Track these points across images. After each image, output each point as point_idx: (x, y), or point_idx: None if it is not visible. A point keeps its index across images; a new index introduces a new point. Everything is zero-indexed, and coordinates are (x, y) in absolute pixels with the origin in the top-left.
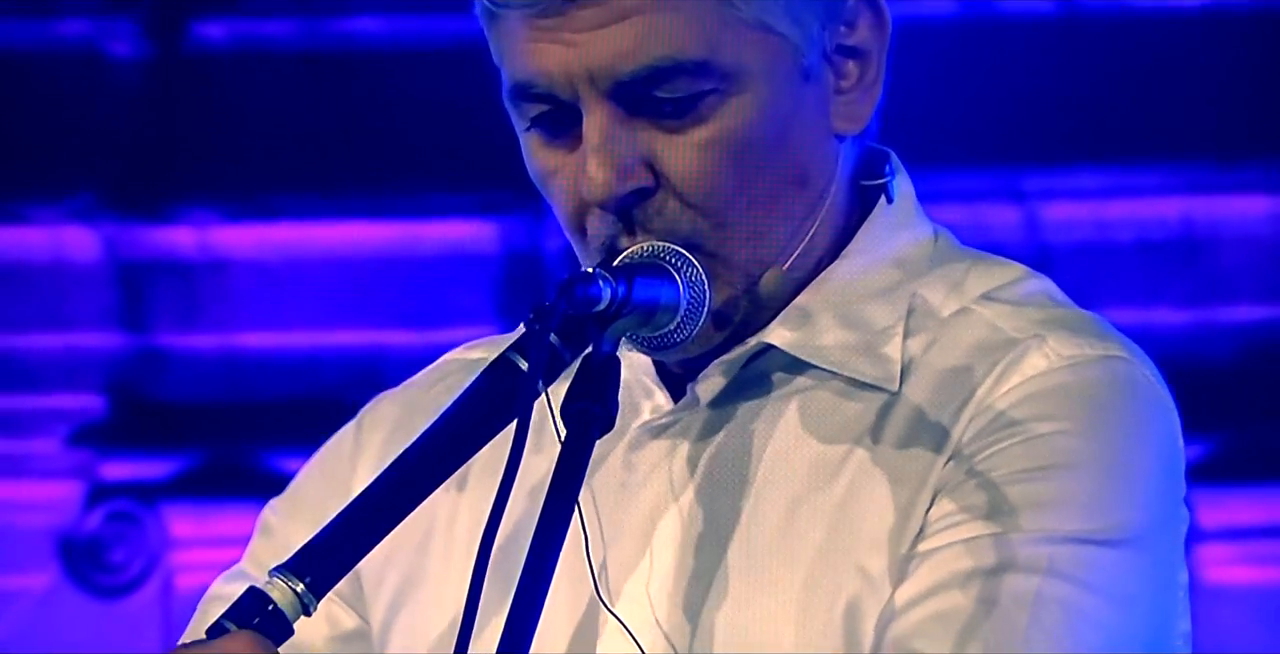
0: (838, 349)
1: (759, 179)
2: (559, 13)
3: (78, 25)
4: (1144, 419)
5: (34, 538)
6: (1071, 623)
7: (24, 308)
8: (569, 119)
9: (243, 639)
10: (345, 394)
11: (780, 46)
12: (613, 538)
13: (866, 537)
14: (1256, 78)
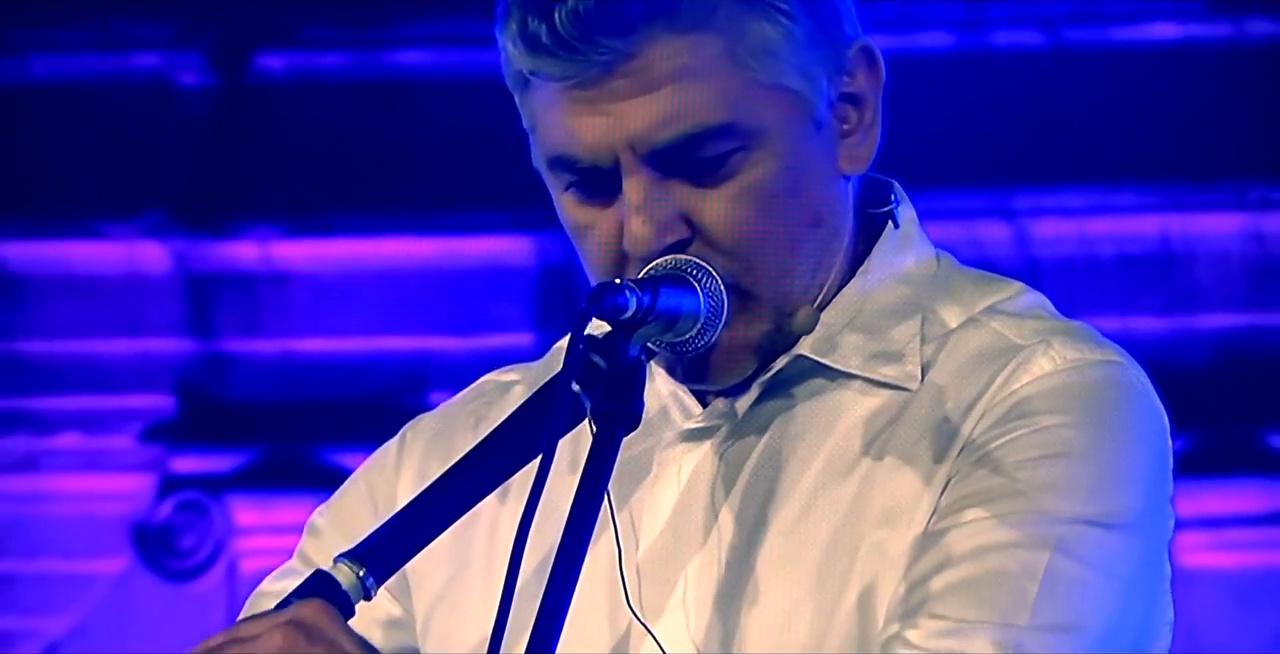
0: (859, 355)
1: (781, 224)
2: (594, 85)
3: (150, 58)
4: (1139, 418)
5: (110, 526)
6: (1076, 597)
7: (100, 317)
8: (604, 181)
9: (314, 604)
10: (394, 395)
11: (793, 102)
12: (646, 543)
13: (882, 520)
14: (1226, 106)
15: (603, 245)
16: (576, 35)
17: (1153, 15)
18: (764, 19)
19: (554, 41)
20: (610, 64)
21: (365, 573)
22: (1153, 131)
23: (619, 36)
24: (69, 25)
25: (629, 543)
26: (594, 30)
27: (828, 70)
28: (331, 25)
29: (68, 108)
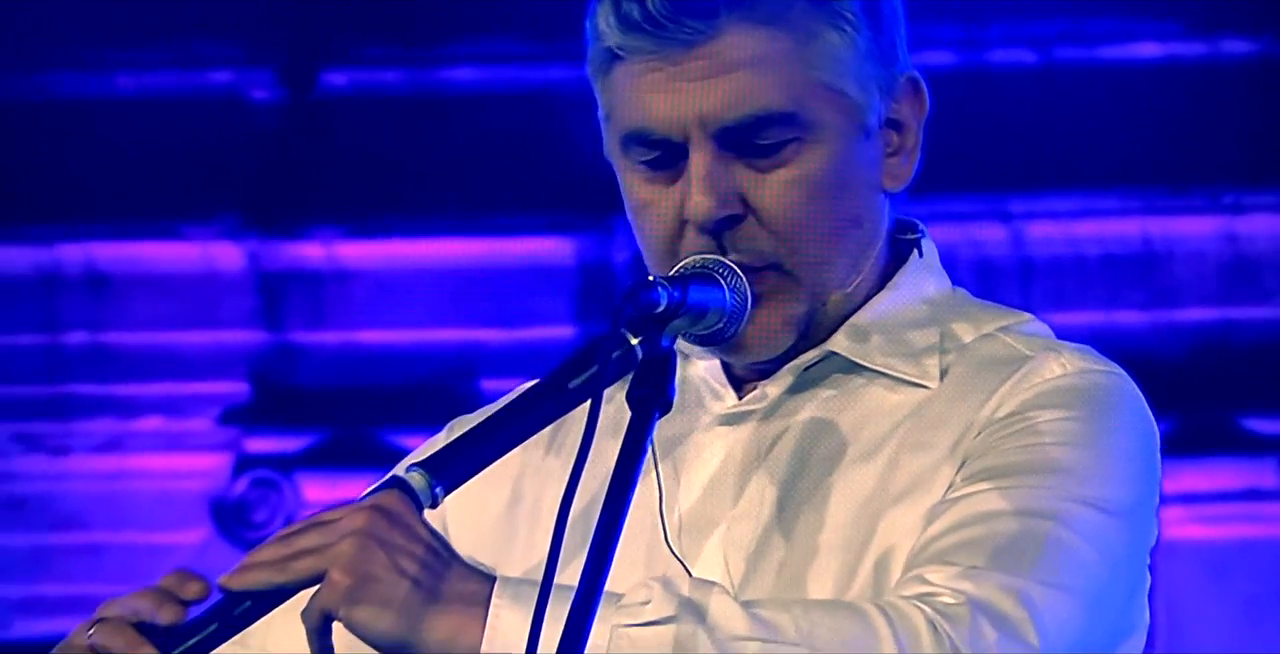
0: (884, 355)
1: (827, 216)
2: (675, 63)
3: (224, 75)
4: (1136, 422)
5: (190, 501)
6: (1072, 565)
7: (180, 311)
8: (670, 158)
9: (394, 494)
10: (446, 382)
11: (849, 107)
12: (687, 504)
13: (900, 498)
14: (1203, 118)
15: (663, 219)
16: (665, 14)
17: (1136, 36)
18: (832, 27)
19: (645, 18)
20: (691, 43)
21: (435, 481)
22: (1135, 142)
23: (702, 19)
24: (151, 46)
25: (670, 502)
26: (681, 11)
27: (880, 88)
28: (390, 45)
29: (150, 121)
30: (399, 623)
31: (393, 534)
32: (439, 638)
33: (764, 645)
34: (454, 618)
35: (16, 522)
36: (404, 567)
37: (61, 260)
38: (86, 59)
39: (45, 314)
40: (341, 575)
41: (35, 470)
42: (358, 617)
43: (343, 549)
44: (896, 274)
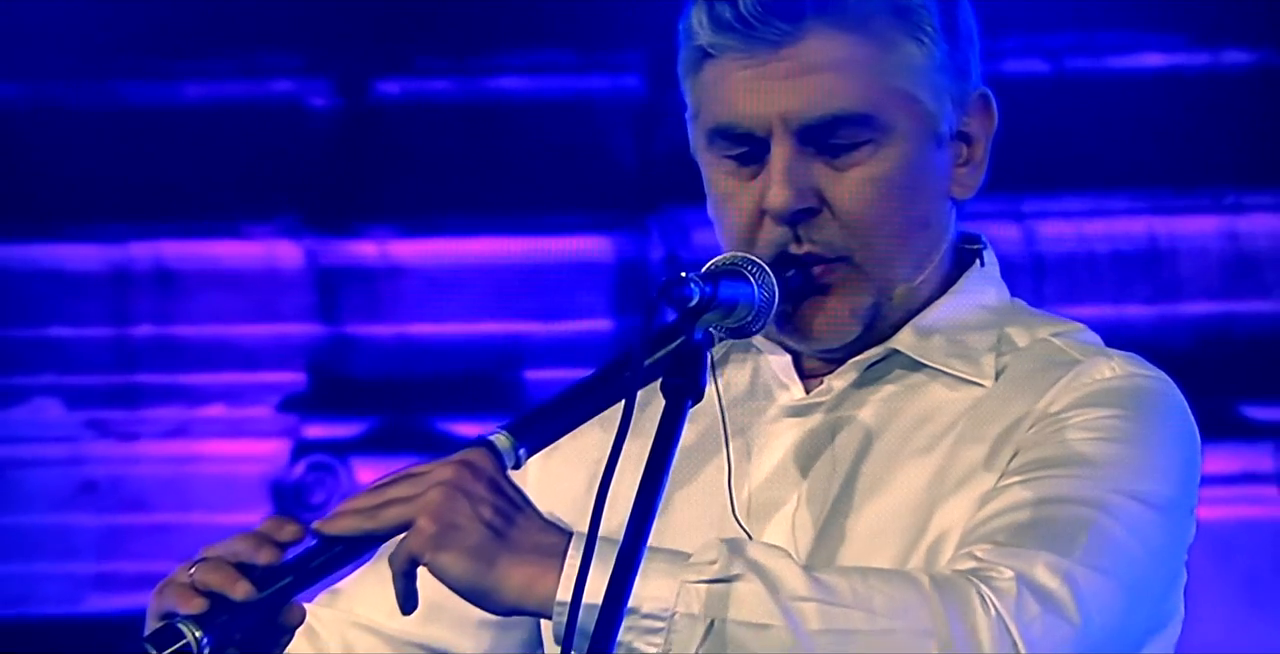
0: (943, 354)
1: (897, 214)
2: (762, 62)
3: (284, 84)
4: (1179, 425)
5: (251, 484)
6: (1115, 552)
7: (242, 305)
8: (753, 154)
9: (481, 450)
10: (491, 372)
11: (922, 115)
12: (757, 481)
13: (956, 486)
14: (1205, 124)
15: (743, 211)
16: (755, 15)
17: (1143, 47)
18: (912, 38)
19: (736, 18)
20: (778, 44)
21: (518, 444)
22: (1142, 146)
23: (789, 22)
24: (216, 57)
25: (740, 485)
26: (771, 13)
27: (953, 100)
28: (440, 56)
29: (214, 126)
30: (479, 569)
31: (477, 486)
32: (516, 585)
33: (821, 606)
34: (531, 567)
35: (88, 504)
36: (486, 517)
37: (131, 257)
38: (156, 69)
39: (116, 308)
40: (428, 522)
41: (106, 455)
42: (441, 562)
43: (430, 498)
44: (959, 280)
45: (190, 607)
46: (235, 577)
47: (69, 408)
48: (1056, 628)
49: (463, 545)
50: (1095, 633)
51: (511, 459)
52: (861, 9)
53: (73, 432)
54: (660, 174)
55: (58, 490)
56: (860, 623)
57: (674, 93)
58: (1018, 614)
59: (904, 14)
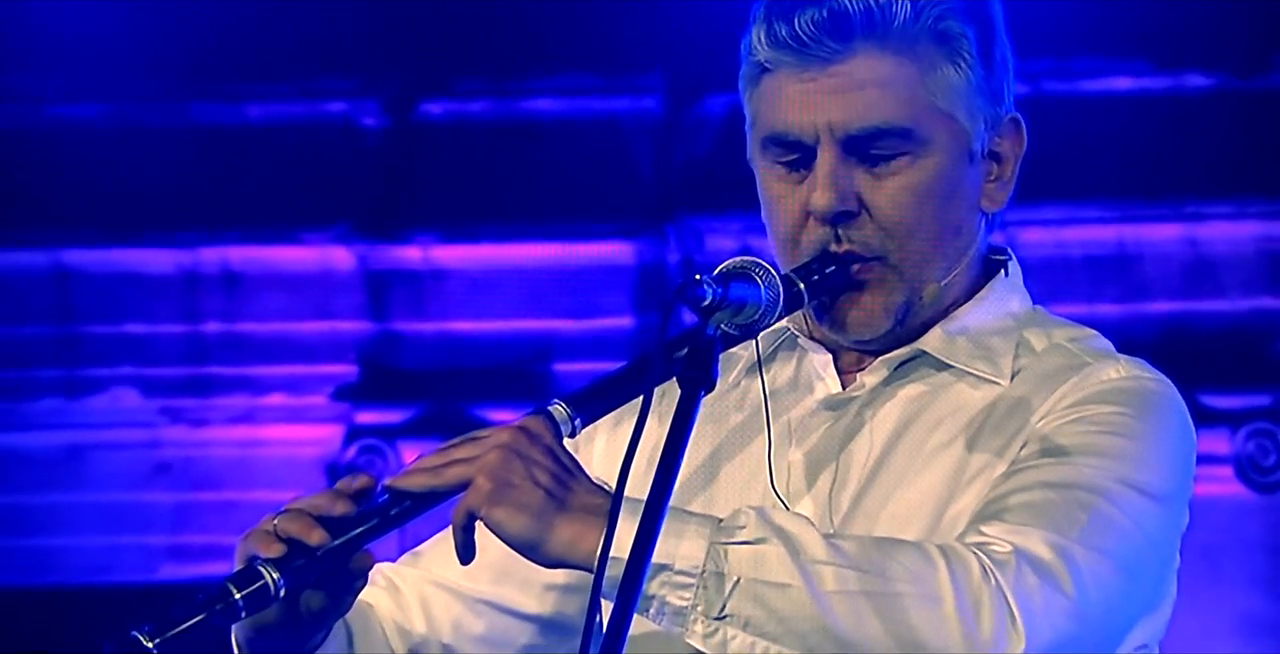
0: (966, 355)
1: (931, 220)
2: (813, 77)
3: (338, 105)
4: (1177, 423)
5: (308, 465)
6: (1113, 535)
7: (300, 304)
8: (802, 161)
9: (538, 418)
10: (525, 365)
11: (958, 132)
12: (794, 459)
13: (975, 477)
14: (1168, 141)
15: (790, 212)
16: (809, 35)
17: (1112, 72)
18: (950, 62)
19: (791, 36)
20: (829, 61)
21: (574, 414)
22: (1111, 161)
23: (841, 42)
24: (277, 80)
25: (779, 472)
26: (823, 33)
27: (986, 121)
28: (478, 80)
29: (275, 143)
30: (531, 524)
31: (532, 450)
32: (564, 540)
33: (838, 569)
34: (578, 524)
35: (162, 483)
36: (539, 478)
37: (201, 261)
38: (223, 92)
39: (187, 307)
40: (485, 481)
41: (178, 439)
42: (496, 516)
43: (489, 459)
44: (984, 288)
45: (270, 551)
46: (312, 525)
47: (145, 396)
48: (1052, 600)
49: (516, 502)
50: (1090, 608)
51: (568, 428)
52: (906, 33)
53: (148, 418)
54: (677, 185)
55: (135, 471)
56: (873, 586)
57: (690, 113)
58: (1016, 585)
59: (945, 40)
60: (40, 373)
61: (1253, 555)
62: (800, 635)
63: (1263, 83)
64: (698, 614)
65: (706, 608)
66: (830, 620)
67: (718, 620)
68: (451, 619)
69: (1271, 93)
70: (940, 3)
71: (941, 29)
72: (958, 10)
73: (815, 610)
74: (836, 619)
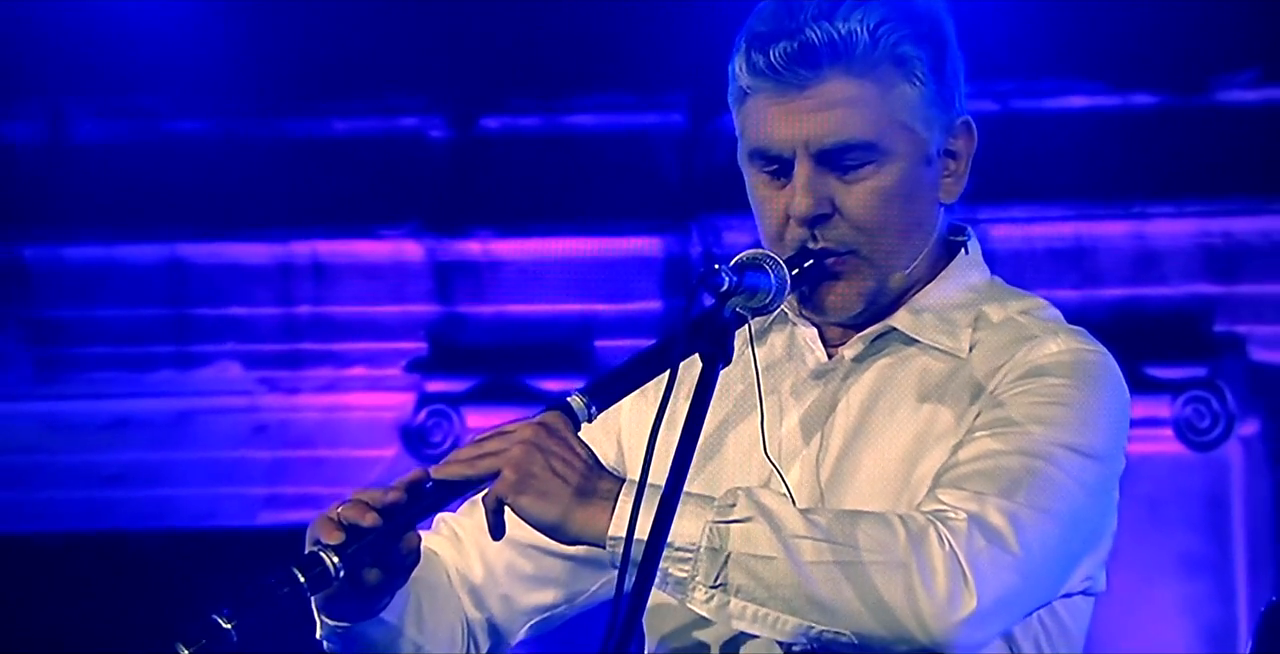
0: (933, 332)
1: (896, 218)
2: (789, 100)
3: (410, 120)
4: (1111, 389)
5: (385, 427)
6: (1056, 493)
7: (378, 290)
8: (782, 170)
9: (555, 413)
10: (569, 342)
11: (916, 140)
12: (785, 429)
13: (939, 439)
14: (1118, 151)
15: (775, 215)
16: (782, 64)
17: (1070, 91)
18: (907, 81)
19: (767, 67)
20: (802, 87)
21: (590, 402)
22: (1070, 168)
23: (811, 69)
24: (358, 99)
25: (772, 432)
26: (795, 63)
27: (941, 127)
28: (530, 99)
29: (356, 153)
30: (551, 510)
31: (551, 443)
32: (577, 522)
33: (815, 542)
34: (592, 508)
35: (260, 442)
36: (557, 468)
37: (293, 254)
38: (311, 109)
39: (281, 292)
40: (511, 472)
41: (274, 405)
42: (521, 503)
43: (513, 453)
44: (948, 267)
45: (330, 537)
46: (366, 510)
47: (245, 369)
48: (999, 558)
49: (537, 491)
50: (1034, 561)
51: (584, 416)
52: (867, 58)
53: (248, 387)
54: (699, 189)
55: (236, 432)
56: (845, 556)
57: (710, 127)
58: (968, 549)
59: (901, 62)
60: (156, 349)
61: (1191, 504)
62: (784, 599)
63: (1200, 102)
64: (696, 583)
65: (704, 578)
66: (810, 587)
67: (714, 588)
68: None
69: (1207, 110)
70: (895, 30)
71: (898, 53)
72: (910, 36)
73: (796, 579)
74: (815, 585)
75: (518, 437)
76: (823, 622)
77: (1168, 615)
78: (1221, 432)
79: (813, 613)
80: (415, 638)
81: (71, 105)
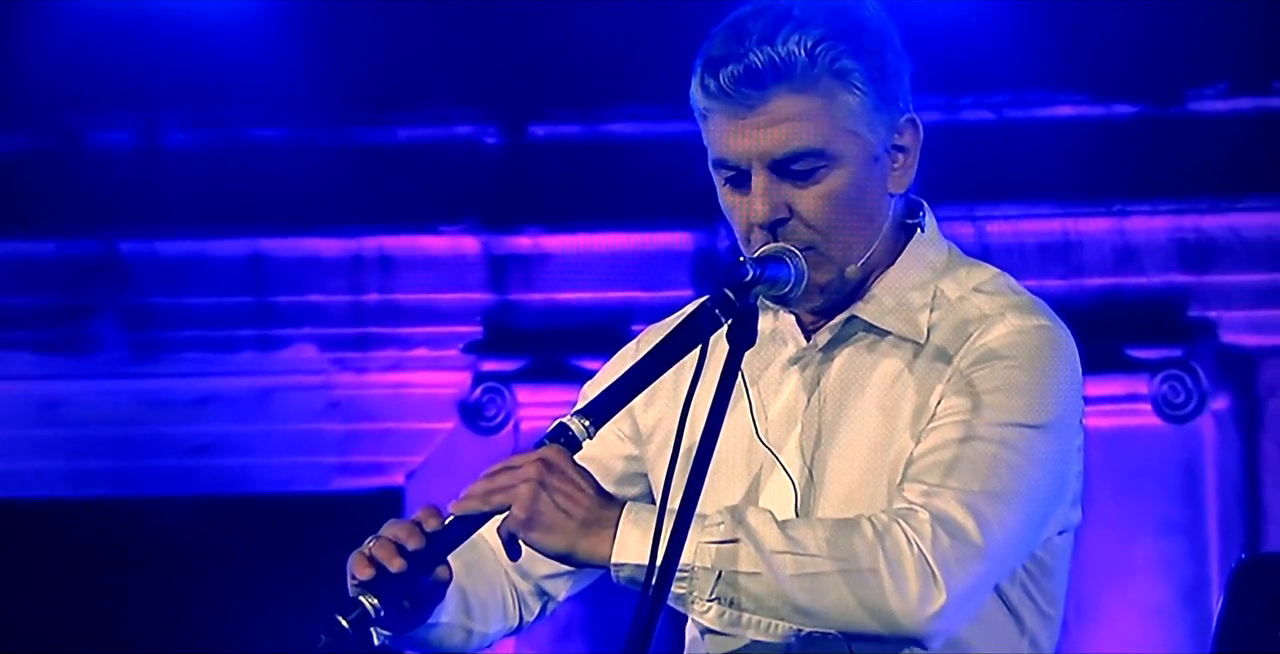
0: (892, 318)
1: (848, 216)
2: (741, 117)
3: (466, 128)
4: (1059, 360)
5: (445, 402)
6: (1010, 475)
7: (439, 279)
8: (742, 179)
9: (555, 447)
10: (610, 324)
11: (862, 143)
12: (772, 416)
13: (906, 420)
14: (1102, 154)
15: (741, 219)
16: (730, 88)
17: (1058, 102)
18: (847, 91)
19: (718, 90)
20: (751, 106)
21: (589, 424)
22: (1058, 170)
23: (758, 90)
24: (419, 109)
25: (760, 415)
26: (741, 85)
27: (885, 127)
28: (573, 109)
29: (418, 158)
30: (558, 541)
31: (553, 480)
32: (585, 550)
33: (794, 556)
34: (595, 537)
35: (333, 416)
36: (560, 503)
37: (363, 247)
38: (377, 118)
39: (352, 282)
40: (519, 510)
41: (345, 382)
42: (530, 538)
43: (520, 492)
44: (906, 249)
45: (363, 574)
46: (393, 553)
47: (320, 350)
48: (963, 551)
49: (543, 527)
50: (996, 544)
51: (584, 436)
52: (808, 75)
53: (322, 367)
54: None
55: (311, 407)
56: (823, 566)
57: None
58: (934, 548)
59: (840, 75)
60: (239, 332)
61: (1168, 472)
62: (771, 608)
63: (1175, 111)
64: (694, 598)
65: (700, 593)
66: (792, 597)
67: (710, 602)
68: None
69: (1181, 119)
70: (832, 48)
71: (836, 68)
72: (848, 50)
73: (780, 590)
74: (796, 596)
75: (523, 475)
76: (809, 624)
77: (1146, 573)
78: (1195, 407)
79: (798, 618)
80: (467, 625)
81: (164, 116)
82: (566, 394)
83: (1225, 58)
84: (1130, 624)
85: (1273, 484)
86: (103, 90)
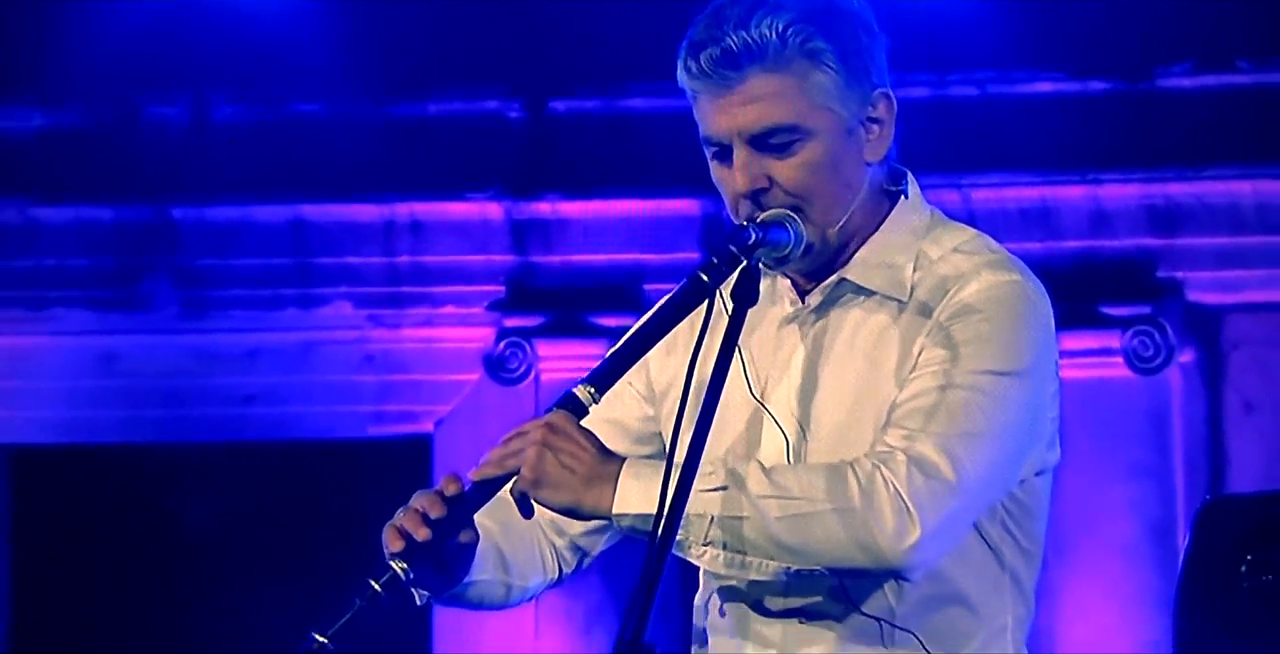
0: (878, 279)
1: (826, 183)
2: (721, 96)
3: (492, 104)
4: (1030, 312)
5: (471, 355)
6: (982, 417)
7: (464, 243)
8: (726, 153)
9: (558, 413)
10: (625, 285)
11: (835, 117)
12: (766, 371)
13: (890, 370)
14: (1079, 128)
15: (729, 190)
16: (710, 69)
17: (1038, 79)
18: (819, 69)
19: (699, 71)
20: (730, 86)
21: (594, 390)
22: (1037, 142)
23: (734, 71)
24: (448, 85)
25: (755, 370)
26: (719, 66)
27: (857, 101)
28: (591, 85)
29: (448, 130)
30: (565, 498)
31: (558, 441)
32: (590, 505)
33: (779, 500)
34: (598, 491)
35: (368, 368)
36: (565, 462)
37: (395, 213)
38: (409, 95)
39: (384, 245)
40: (528, 471)
41: (380, 338)
42: (539, 495)
43: (529, 455)
44: (890, 215)
45: (395, 546)
46: (419, 523)
47: (356, 307)
48: (937, 488)
49: (550, 485)
50: (969, 481)
51: (590, 401)
52: (780, 56)
53: (358, 323)
54: None
55: (349, 360)
56: (805, 508)
57: None
58: (909, 485)
59: (811, 55)
60: (283, 291)
61: (1139, 421)
62: (761, 549)
63: (1145, 87)
64: (691, 542)
65: (696, 538)
66: (780, 538)
67: (705, 545)
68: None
69: (1151, 94)
70: (802, 31)
71: (808, 48)
72: (818, 32)
73: (768, 532)
74: (782, 536)
75: (531, 439)
76: (798, 562)
77: (1117, 515)
78: (1163, 360)
79: (787, 557)
80: (506, 580)
81: (213, 93)
82: (583, 348)
83: (1192, 38)
84: (1102, 561)
85: (1234, 431)
86: (157, 69)
